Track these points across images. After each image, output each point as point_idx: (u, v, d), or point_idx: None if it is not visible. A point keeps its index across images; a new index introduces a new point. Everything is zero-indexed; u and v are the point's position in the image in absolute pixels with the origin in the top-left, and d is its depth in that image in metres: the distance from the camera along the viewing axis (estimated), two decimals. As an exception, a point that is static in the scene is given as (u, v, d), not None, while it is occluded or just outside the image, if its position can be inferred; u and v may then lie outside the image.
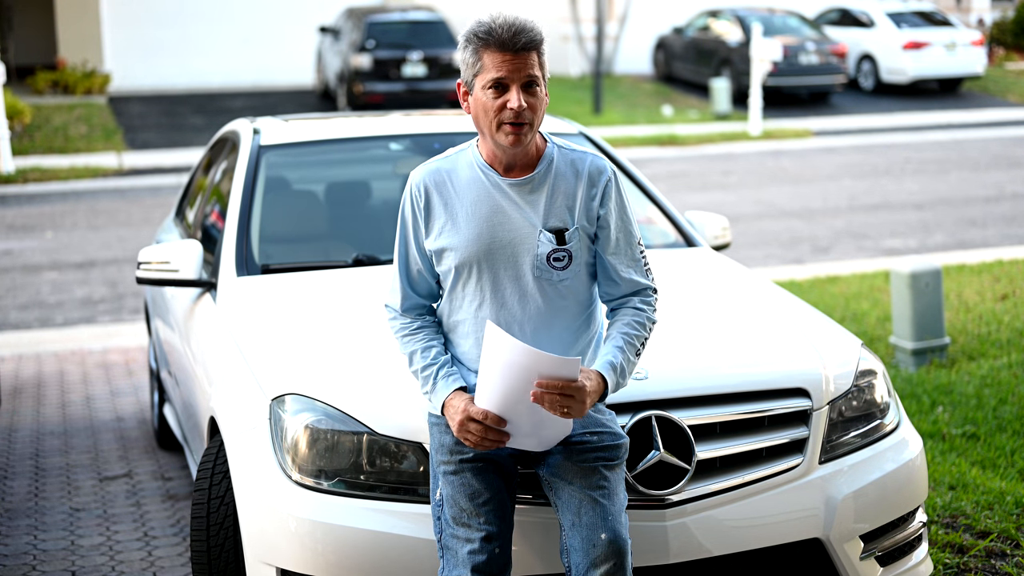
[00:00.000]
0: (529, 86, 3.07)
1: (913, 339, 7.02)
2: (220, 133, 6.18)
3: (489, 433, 3.05)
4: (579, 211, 3.17)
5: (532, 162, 3.19)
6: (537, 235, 3.14)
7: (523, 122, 3.06)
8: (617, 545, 3.06)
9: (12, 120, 18.11)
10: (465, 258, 3.16)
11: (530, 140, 3.12)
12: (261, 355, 3.91)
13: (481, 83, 3.08)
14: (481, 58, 3.08)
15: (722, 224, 5.40)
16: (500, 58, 3.05)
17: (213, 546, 3.72)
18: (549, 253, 3.14)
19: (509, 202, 3.16)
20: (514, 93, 3.05)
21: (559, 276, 3.16)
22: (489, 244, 3.15)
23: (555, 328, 3.19)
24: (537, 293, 3.16)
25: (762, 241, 11.98)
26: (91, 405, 7.13)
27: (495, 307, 3.17)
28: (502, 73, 3.05)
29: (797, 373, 3.70)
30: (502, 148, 3.13)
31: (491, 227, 3.15)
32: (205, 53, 24.55)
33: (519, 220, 3.15)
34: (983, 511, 4.95)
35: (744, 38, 23.03)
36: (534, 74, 3.07)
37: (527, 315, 3.17)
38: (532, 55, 3.07)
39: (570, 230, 3.16)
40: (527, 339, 3.16)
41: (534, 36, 3.07)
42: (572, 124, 5.63)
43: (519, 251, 3.15)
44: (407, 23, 21.52)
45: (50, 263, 11.38)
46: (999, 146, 19.42)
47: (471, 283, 3.19)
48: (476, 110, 3.12)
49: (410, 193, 3.26)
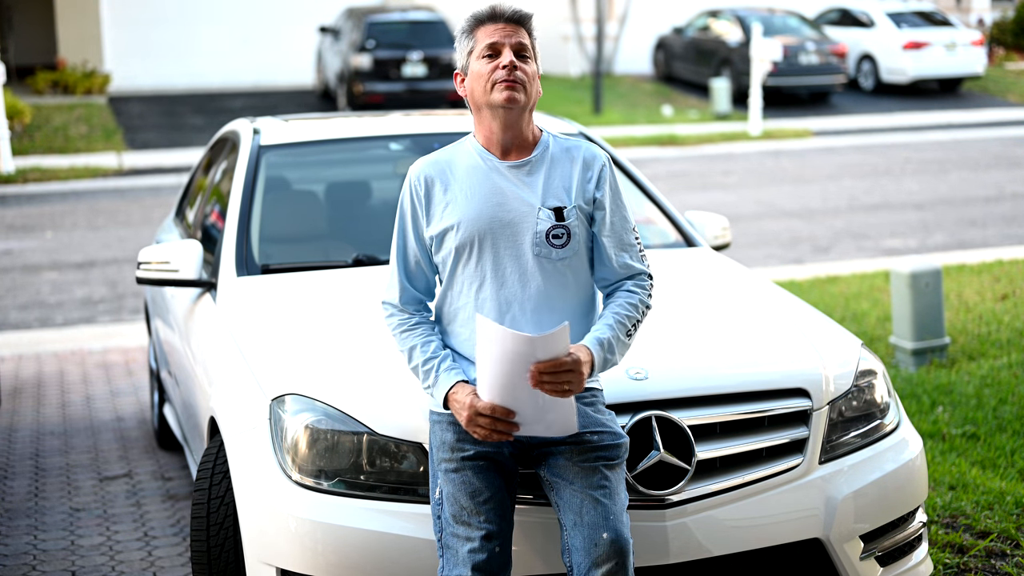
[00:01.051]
0: (521, 55, 3.21)
1: (913, 339, 7.02)
2: (220, 133, 6.18)
3: (498, 425, 3.07)
4: (575, 191, 3.24)
5: (529, 146, 3.27)
6: (536, 212, 3.19)
7: (515, 80, 3.17)
8: (619, 545, 3.06)
9: (12, 120, 18.11)
10: (466, 237, 3.20)
11: (524, 105, 3.20)
12: (261, 355, 3.91)
13: (476, 56, 3.22)
14: (475, 35, 3.24)
15: (722, 224, 5.40)
16: (492, 28, 3.22)
17: (213, 546, 3.72)
18: (548, 230, 3.18)
19: (508, 183, 3.23)
20: (506, 51, 3.19)
21: (558, 254, 3.20)
22: (489, 223, 3.19)
23: (556, 308, 3.21)
24: (537, 272, 3.19)
25: (762, 241, 11.99)
26: (91, 405, 7.13)
27: (496, 287, 3.20)
28: (494, 39, 3.20)
29: (797, 373, 3.70)
30: (497, 114, 3.19)
31: (491, 207, 3.20)
32: (205, 53, 24.55)
33: (518, 200, 3.21)
34: (983, 511, 4.95)
35: (744, 38, 23.03)
36: (524, 43, 3.22)
37: (527, 294, 3.19)
38: (522, 30, 3.23)
39: (568, 207, 3.21)
40: (527, 319, 3.19)
41: (523, 10, 3.24)
42: (572, 124, 5.63)
43: (519, 230, 3.19)
44: (407, 23, 21.52)
45: (50, 263, 11.39)
46: (999, 146, 19.42)
47: (471, 264, 3.22)
48: (471, 84, 3.23)
49: (410, 184, 3.30)
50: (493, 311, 3.20)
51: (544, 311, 3.20)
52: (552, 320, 3.20)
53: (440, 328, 3.34)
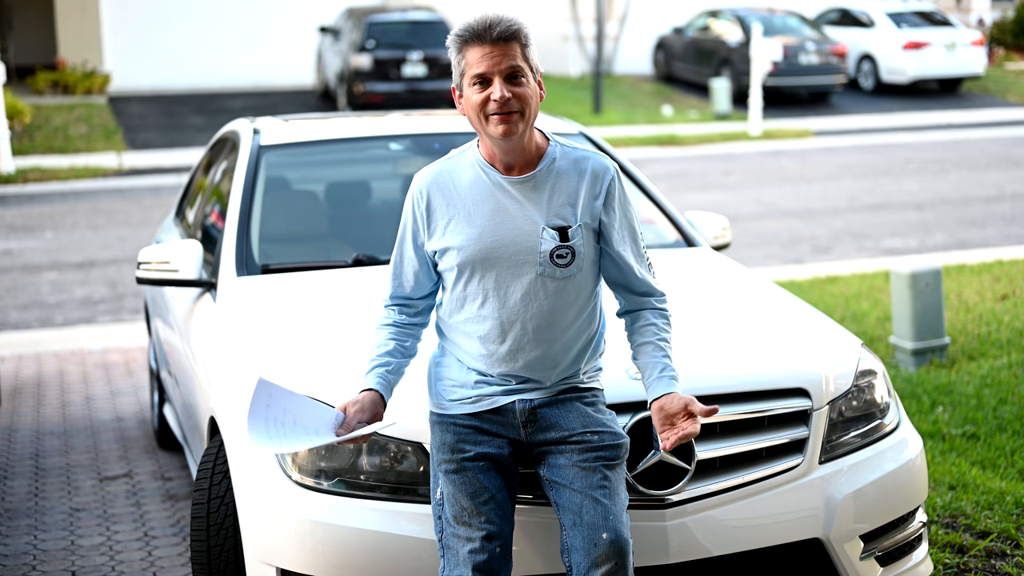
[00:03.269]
0: (513, 77, 3.08)
1: (913, 339, 7.02)
2: (220, 133, 6.18)
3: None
4: (582, 208, 3.17)
5: (533, 160, 3.19)
6: (540, 232, 3.14)
7: (510, 111, 3.07)
8: (619, 545, 3.06)
9: (12, 120, 18.11)
10: (468, 257, 3.17)
11: (523, 131, 3.11)
12: (261, 355, 3.91)
13: (467, 81, 3.12)
14: (464, 56, 3.12)
15: (722, 224, 5.40)
16: (479, 52, 3.08)
17: (213, 546, 3.72)
18: (552, 250, 3.15)
19: (511, 200, 3.17)
20: (496, 84, 3.07)
21: (562, 273, 3.17)
22: (492, 242, 3.15)
23: (557, 325, 3.20)
24: (540, 291, 3.17)
25: (762, 241, 11.98)
26: (91, 405, 7.13)
27: (497, 305, 3.18)
28: (482, 68, 3.07)
29: (797, 373, 3.70)
30: (497, 143, 3.13)
31: (494, 225, 3.16)
32: (205, 53, 24.54)
33: (521, 218, 3.16)
34: (983, 511, 4.95)
35: (744, 38, 23.03)
36: (516, 64, 3.08)
37: (530, 313, 3.17)
38: (512, 46, 3.08)
39: (573, 227, 3.16)
40: (529, 337, 3.18)
41: (510, 26, 3.09)
42: (572, 124, 5.63)
43: (522, 249, 3.15)
44: (407, 23, 21.52)
45: (50, 263, 11.39)
46: (999, 146, 19.42)
47: (473, 282, 3.19)
48: (467, 109, 3.15)
49: (412, 198, 3.28)
50: (495, 328, 3.19)
51: (545, 327, 3.19)
52: (553, 335, 3.19)
53: (441, 336, 3.34)
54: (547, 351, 3.20)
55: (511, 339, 3.18)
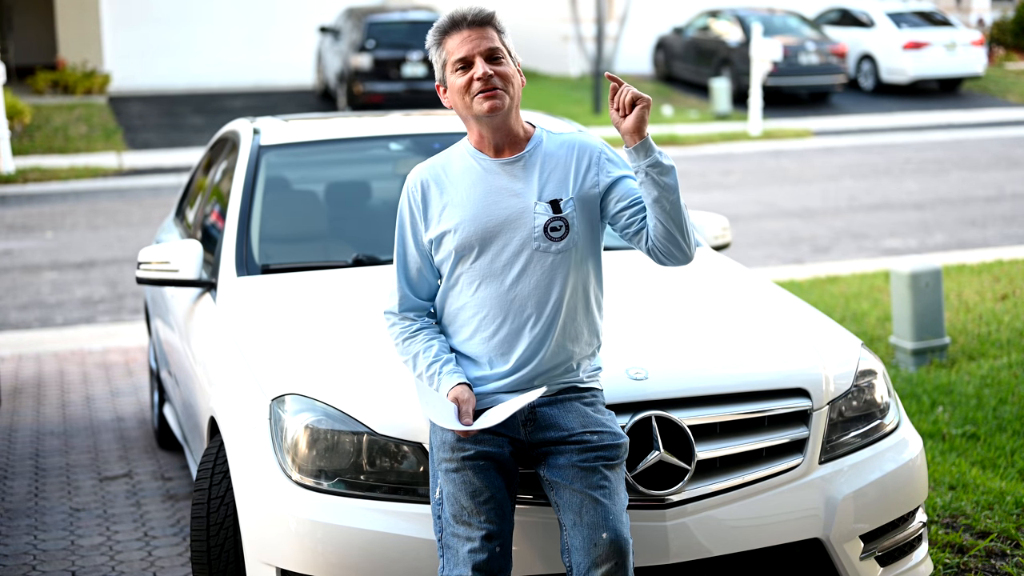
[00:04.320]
0: (493, 58, 3.19)
1: (913, 339, 7.02)
2: (220, 133, 6.18)
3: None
4: (572, 182, 3.24)
5: (521, 142, 3.28)
6: (533, 207, 3.20)
7: (494, 87, 3.16)
8: (619, 545, 3.06)
9: (12, 120, 18.11)
10: (464, 239, 3.21)
11: (509, 107, 3.19)
12: (261, 355, 3.91)
13: (450, 70, 3.21)
14: (444, 47, 3.23)
15: (722, 224, 5.40)
16: (458, 38, 3.20)
17: (213, 546, 3.72)
18: (546, 223, 3.20)
19: (503, 180, 3.24)
20: (478, 63, 3.17)
21: (557, 247, 3.20)
22: (486, 222, 3.21)
23: (552, 303, 3.22)
24: (537, 267, 3.20)
25: (762, 241, 11.98)
26: (91, 405, 7.13)
27: (496, 284, 3.21)
28: (463, 51, 3.19)
29: (797, 373, 3.70)
30: (484, 122, 3.20)
31: (487, 206, 3.22)
32: (205, 53, 24.54)
33: (514, 197, 3.22)
34: (983, 511, 4.95)
35: (744, 38, 23.03)
36: (495, 46, 3.20)
37: (528, 290, 3.21)
38: (488, 30, 3.21)
39: (565, 199, 3.22)
40: (527, 314, 3.20)
41: (483, 10, 3.22)
42: (572, 124, 5.62)
43: (517, 226, 3.20)
44: (407, 23, 21.51)
45: (50, 263, 11.39)
46: (999, 146, 19.42)
47: (470, 263, 3.23)
48: (453, 98, 3.23)
49: (407, 192, 3.33)
50: (494, 308, 3.21)
51: (543, 305, 3.21)
52: (549, 313, 3.20)
53: (442, 328, 3.34)
54: (545, 335, 3.21)
55: (509, 322, 3.20)
